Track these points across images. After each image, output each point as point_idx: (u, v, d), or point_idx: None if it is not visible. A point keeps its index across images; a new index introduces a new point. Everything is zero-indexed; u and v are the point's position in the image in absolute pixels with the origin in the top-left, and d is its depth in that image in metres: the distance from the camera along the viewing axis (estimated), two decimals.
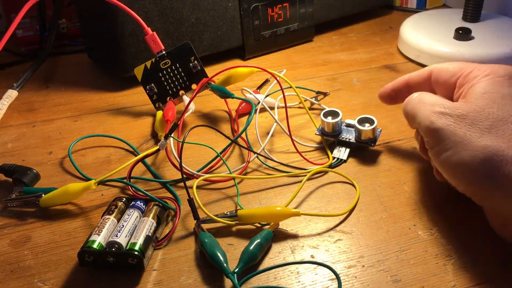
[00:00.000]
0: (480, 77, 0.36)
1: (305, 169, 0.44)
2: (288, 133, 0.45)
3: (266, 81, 0.52)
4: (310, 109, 0.54)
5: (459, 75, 0.38)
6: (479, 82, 0.36)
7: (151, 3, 0.55)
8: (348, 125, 0.47)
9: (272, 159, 0.45)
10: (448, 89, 0.39)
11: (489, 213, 0.36)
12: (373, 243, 0.37)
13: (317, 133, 0.47)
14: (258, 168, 0.45)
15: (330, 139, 0.47)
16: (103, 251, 0.34)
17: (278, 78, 0.46)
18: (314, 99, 0.54)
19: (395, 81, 0.44)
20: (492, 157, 0.31)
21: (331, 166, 0.45)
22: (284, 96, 0.46)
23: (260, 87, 0.52)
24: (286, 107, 0.46)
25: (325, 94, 0.54)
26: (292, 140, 0.45)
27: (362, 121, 0.45)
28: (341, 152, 0.46)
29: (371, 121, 0.45)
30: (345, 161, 0.45)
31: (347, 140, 0.46)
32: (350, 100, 0.55)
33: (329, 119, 0.46)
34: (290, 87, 0.48)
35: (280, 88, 0.46)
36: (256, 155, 0.45)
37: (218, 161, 0.45)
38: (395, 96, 0.44)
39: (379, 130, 0.46)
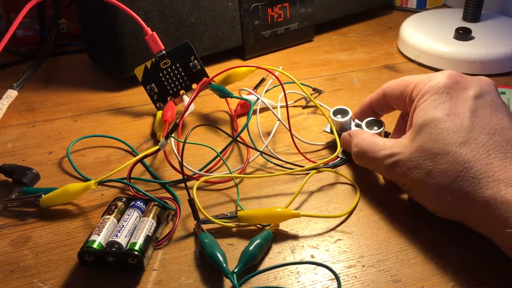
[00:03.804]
0: (418, 98, 0.38)
1: (303, 166, 0.44)
2: (290, 131, 0.45)
3: (262, 80, 0.52)
4: (306, 107, 0.54)
5: (405, 94, 0.40)
6: (417, 108, 0.37)
7: (151, 3, 0.55)
8: (357, 125, 0.46)
9: (276, 157, 0.45)
10: (402, 105, 0.41)
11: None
12: (373, 243, 0.37)
13: (326, 130, 0.47)
14: (259, 169, 0.45)
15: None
16: (103, 251, 0.34)
17: (276, 74, 0.46)
18: (306, 97, 0.53)
19: (360, 105, 0.46)
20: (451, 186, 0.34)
21: (334, 165, 0.45)
22: (284, 92, 0.46)
23: (256, 86, 0.52)
24: (286, 103, 0.46)
25: (319, 92, 0.54)
26: (293, 138, 0.45)
27: (370, 123, 0.44)
28: (345, 151, 0.45)
29: (379, 124, 0.44)
30: (347, 160, 0.45)
31: None
32: (350, 100, 0.55)
33: (339, 118, 0.46)
34: (288, 82, 0.47)
35: (277, 85, 0.46)
36: (259, 153, 0.45)
37: (218, 161, 0.45)
38: (368, 115, 0.46)
39: (386, 133, 0.46)
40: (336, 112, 0.46)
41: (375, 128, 0.44)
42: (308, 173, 0.43)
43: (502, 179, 0.32)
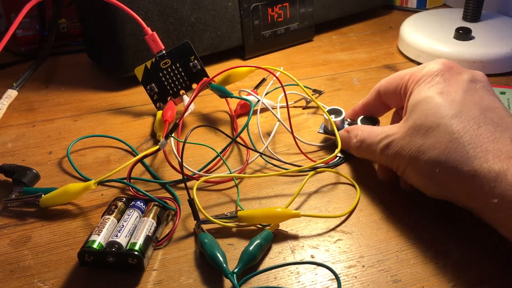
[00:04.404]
0: (412, 85, 0.38)
1: (301, 166, 0.44)
2: (291, 132, 0.45)
3: (263, 80, 0.52)
4: (306, 107, 0.54)
5: (400, 86, 0.40)
6: (412, 93, 0.38)
7: (151, 3, 0.55)
8: (351, 124, 0.47)
9: (276, 158, 0.45)
10: (398, 99, 0.42)
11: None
12: (373, 243, 0.37)
13: (320, 131, 0.47)
14: (259, 169, 0.45)
15: (332, 137, 0.47)
16: (103, 251, 0.34)
17: (277, 74, 0.46)
18: (306, 98, 0.53)
19: (352, 109, 0.47)
20: (434, 160, 0.34)
21: (333, 165, 0.45)
22: (285, 93, 0.46)
23: (257, 86, 0.52)
24: (287, 104, 0.46)
25: (320, 93, 0.54)
26: (295, 138, 0.45)
27: (365, 120, 0.45)
28: (343, 151, 0.46)
29: (374, 121, 0.45)
30: (346, 159, 0.45)
31: None
32: (350, 100, 0.55)
33: (333, 118, 0.46)
34: (289, 85, 0.48)
35: (277, 87, 0.46)
36: (258, 154, 0.45)
37: (218, 161, 0.45)
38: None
39: None
40: (329, 112, 0.47)
41: (370, 125, 0.44)
42: (308, 173, 0.43)
43: (490, 150, 0.32)
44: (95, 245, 0.34)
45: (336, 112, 0.47)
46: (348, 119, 0.47)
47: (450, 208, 0.39)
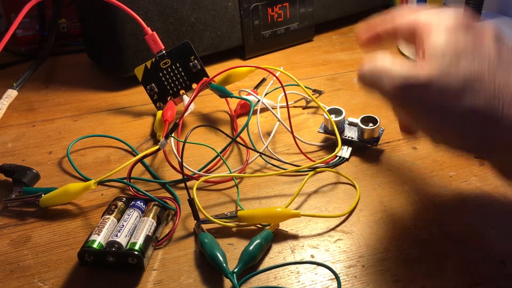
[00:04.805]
0: (431, 29, 0.32)
1: (301, 166, 0.44)
2: (291, 132, 0.45)
3: (263, 80, 0.52)
4: (306, 107, 0.54)
5: (415, 28, 0.33)
6: (432, 36, 0.31)
7: (151, 3, 0.55)
8: (351, 124, 0.47)
9: (276, 158, 0.45)
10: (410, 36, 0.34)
11: (497, 165, 0.33)
12: (373, 243, 0.37)
13: (320, 131, 0.47)
14: (259, 169, 0.45)
15: (332, 137, 0.47)
16: (103, 251, 0.34)
17: (277, 74, 0.46)
18: (306, 98, 0.54)
19: (378, 28, 0.39)
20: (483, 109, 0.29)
21: (333, 165, 0.45)
22: (285, 93, 0.46)
23: (257, 86, 0.52)
24: (287, 104, 0.46)
25: (320, 93, 0.54)
26: (294, 138, 0.45)
27: (365, 120, 0.45)
28: (343, 151, 0.46)
29: (374, 121, 0.45)
30: (347, 159, 0.45)
31: (350, 138, 0.46)
32: (350, 100, 0.55)
33: (333, 117, 0.46)
34: (289, 85, 0.48)
35: (277, 87, 0.46)
36: (258, 154, 0.45)
37: (218, 161, 0.45)
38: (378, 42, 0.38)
39: (381, 129, 0.46)
40: (330, 112, 0.47)
41: (371, 124, 0.45)
42: (308, 173, 0.43)
43: None
44: (95, 245, 0.34)
45: (336, 112, 0.47)
46: (348, 119, 0.47)
47: (450, 210, 0.39)
